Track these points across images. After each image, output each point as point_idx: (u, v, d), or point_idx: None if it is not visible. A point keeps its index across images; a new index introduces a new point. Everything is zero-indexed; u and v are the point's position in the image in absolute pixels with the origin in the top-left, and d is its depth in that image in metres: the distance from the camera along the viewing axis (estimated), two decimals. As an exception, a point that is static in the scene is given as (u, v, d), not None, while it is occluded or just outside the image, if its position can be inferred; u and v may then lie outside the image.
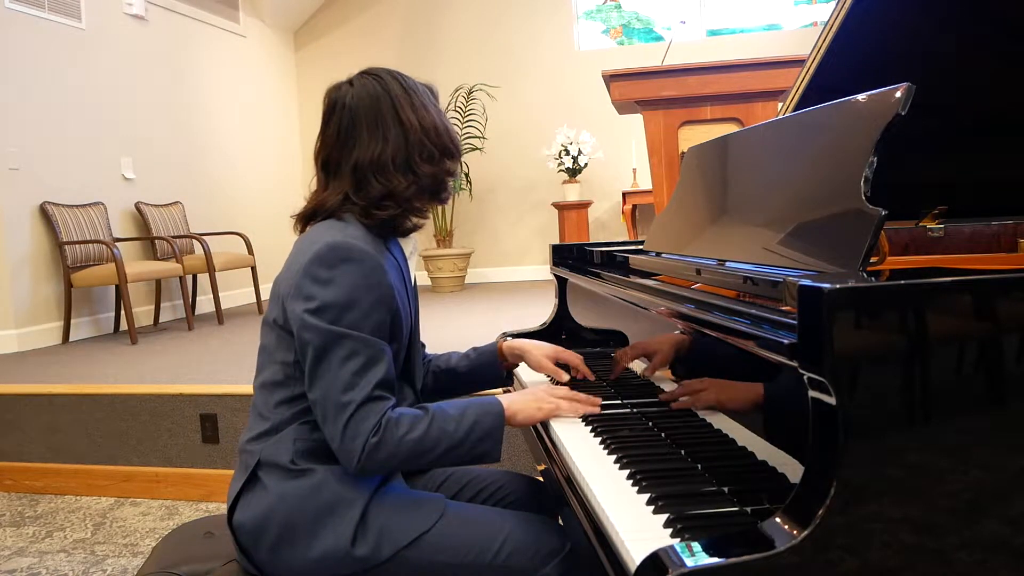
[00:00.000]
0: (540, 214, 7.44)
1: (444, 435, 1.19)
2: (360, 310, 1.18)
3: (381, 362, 1.19)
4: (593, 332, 1.82)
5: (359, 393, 1.15)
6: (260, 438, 1.26)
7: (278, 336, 1.27)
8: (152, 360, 3.94)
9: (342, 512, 1.19)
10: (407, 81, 1.33)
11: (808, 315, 0.75)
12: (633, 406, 1.36)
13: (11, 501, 3.02)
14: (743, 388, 1.00)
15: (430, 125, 1.29)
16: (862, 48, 1.46)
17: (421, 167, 1.28)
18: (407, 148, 1.27)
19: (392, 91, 1.30)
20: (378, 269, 1.21)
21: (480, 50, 7.48)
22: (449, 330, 4.52)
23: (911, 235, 1.56)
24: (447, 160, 1.32)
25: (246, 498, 1.23)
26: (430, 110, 1.31)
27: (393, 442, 1.16)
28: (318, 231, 1.26)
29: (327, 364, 1.16)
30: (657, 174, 2.84)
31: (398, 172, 1.27)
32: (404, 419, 1.18)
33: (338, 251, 1.19)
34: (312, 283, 1.19)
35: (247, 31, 7.12)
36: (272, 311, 1.29)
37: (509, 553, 1.19)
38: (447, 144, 1.31)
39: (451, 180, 1.34)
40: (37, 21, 4.86)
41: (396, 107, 1.28)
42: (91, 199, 5.14)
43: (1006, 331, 0.76)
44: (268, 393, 1.27)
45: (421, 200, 1.31)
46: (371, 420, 1.16)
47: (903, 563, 0.74)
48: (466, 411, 1.23)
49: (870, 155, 0.95)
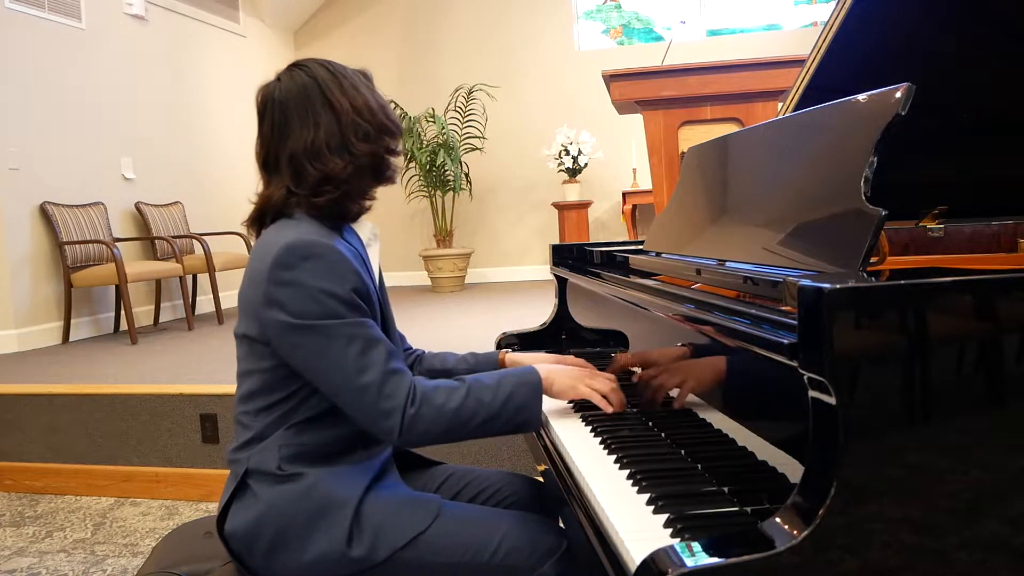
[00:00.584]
0: (540, 214, 7.44)
1: (481, 406, 1.21)
2: (337, 299, 1.17)
3: (378, 339, 1.19)
4: (593, 332, 1.82)
5: (375, 371, 1.16)
6: (245, 447, 1.25)
7: (249, 347, 1.26)
8: (152, 360, 3.94)
9: (334, 514, 1.19)
10: (334, 66, 1.31)
11: (808, 315, 0.75)
12: (633, 406, 1.36)
13: (11, 501, 3.02)
14: (714, 367, 1.00)
15: (362, 104, 1.27)
16: (862, 48, 1.46)
17: (357, 146, 1.26)
18: (340, 130, 1.26)
19: (319, 77, 1.28)
20: (338, 256, 1.20)
21: (480, 50, 7.48)
22: (449, 330, 4.52)
23: (911, 235, 1.56)
24: (385, 138, 1.30)
25: (236, 506, 1.23)
26: (361, 90, 1.29)
27: (432, 413, 1.18)
28: (271, 235, 1.24)
29: (329, 358, 1.17)
30: (657, 174, 2.84)
31: (334, 155, 1.25)
32: (441, 390, 1.20)
33: (296, 250, 1.18)
34: (281, 288, 1.18)
35: (247, 31, 7.12)
36: (241, 324, 1.27)
37: (506, 553, 1.19)
38: (383, 122, 1.29)
39: (393, 158, 1.32)
40: (37, 21, 4.86)
41: (324, 91, 1.27)
42: (91, 199, 5.14)
43: (1006, 331, 0.76)
44: (248, 403, 1.27)
45: (362, 181, 1.29)
46: (400, 392, 1.17)
47: (903, 563, 0.74)
48: (502, 381, 1.24)
49: (870, 155, 0.95)
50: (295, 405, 1.24)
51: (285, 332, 1.18)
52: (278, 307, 1.18)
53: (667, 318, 1.18)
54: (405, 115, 6.82)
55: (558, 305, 2.00)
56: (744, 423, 0.99)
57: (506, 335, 1.99)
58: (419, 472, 1.47)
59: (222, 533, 1.24)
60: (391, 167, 1.33)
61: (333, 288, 1.17)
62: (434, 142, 6.86)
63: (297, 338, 1.17)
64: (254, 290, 1.22)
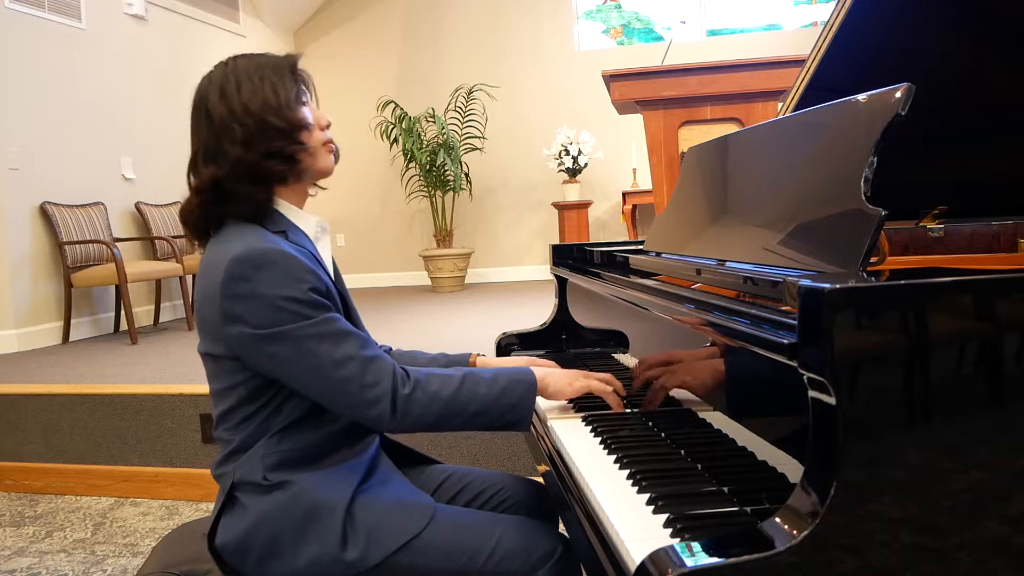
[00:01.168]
0: (540, 214, 7.45)
1: (475, 397, 1.20)
2: (297, 301, 1.15)
3: (349, 331, 1.18)
4: (593, 332, 1.82)
5: (352, 364, 1.15)
6: (229, 459, 1.24)
7: (217, 364, 1.24)
8: (152, 360, 3.94)
9: (324, 518, 1.18)
10: (231, 67, 1.26)
11: (808, 315, 0.75)
12: (634, 406, 1.36)
13: (11, 501, 3.02)
14: (700, 363, 1.00)
15: (239, 107, 1.21)
16: (862, 48, 1.46)
17: (230, 152, 1.21)
18: (212, 137, 1.23)
19: (204, 85, 1.26)
20: (290, 260, 1.17)
21: (480, 50, 7.48)
22: (449, 330, 4.52)
23: (911, 235, 1.56)
24: (272, 138, 1.22)
25: (226, 519, 1.22)
26: (242, 92, 1.22)
27: (426, 398, 1.17)
28: (216, 249, 1.22)
29: (304, 361, 1.15)
30: (657, 174, 2.84)
31: (208, 164, 1.23)
32: (435, 377, 1.21)
33: (247, 261, 1.15)
34: (238, 302, 1.15)
35: (247, 31, 7.13)
36: (203, 343, 1.25)
37: (501, 558, 1.18)
38: (268, 121, 1.21)
39: (274, 160, 1.23)
40: (37, 21, 4.86)
41: (205, 101, 1.24)
42: (91, 199, 5.14)
43: (1006, 331, 0.76)
44: (227, 420, 1.25)
45: (238, 186, 1.22)
46: (384, 378, 1.16)
47: (903, 563, 0.74)
48: (498, 377, 1.24)
49: (870, 155, 0.95)
50: (272, 413, 1.22)
51: (253, 344, 1.16)
52: (240, 322, 1.15)
53: (667, 318, 1.18)
54: (405, 115, 6.82)
55: (558, 305, 2.00)
56: (744, 423, 0.99)
57: (506, 335, 1.99)
58: (417, 470, 1.45)
59: (212, 547, 1.22)
60: (269, 169, 1.23)
61: (291, 292, 1.15)
62: (434, 142, 6.87)
63: (267, 348, 1.15)
64: (209, 308, 1.19)
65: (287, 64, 1.27)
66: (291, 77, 1.26)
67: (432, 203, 7.00)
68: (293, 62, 1.28)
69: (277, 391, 1.22)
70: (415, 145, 6.75)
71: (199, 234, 1.28)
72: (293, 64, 1.28)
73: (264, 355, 1.16)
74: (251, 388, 1.21)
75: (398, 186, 7.34)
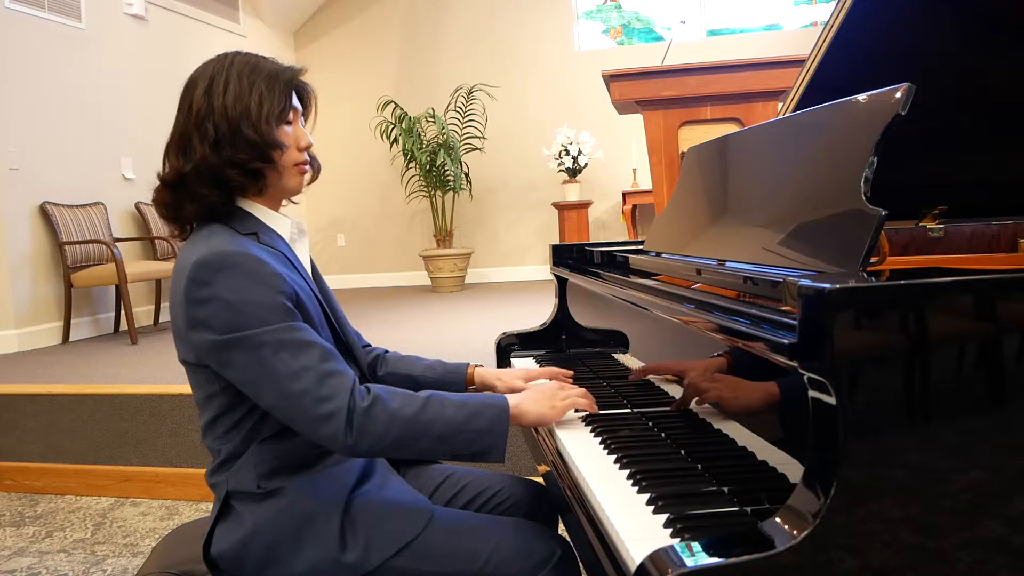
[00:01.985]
0: (540, 214, 7.45)
1: (440, 418, 1.13)
2: (259, 305, 1.10)
3: (311, 341, 1.12)
4: (593, 332, 1.82)
5: (308, 376, 1.09)
6: (222, 468, 1.23)
7: (194, 373, 1.22)
8: (152, 360, 3.94)
9: (321, 521, 1.17)
10: (226, 61, 1.22)
11: (809, 315, 0.75)
12: (633, 406, 1.36)
13: (11, 501, 3.02)
14: (749, 387, 1.00)
15: (218, 107, 1.18)
16: (862, 48, 1.46)
17: (196, 149, 1.18)
18: (187, 129, 1.21)
19: (198, 72, 1.23)
20: (254, 262, 1.13)
21: (480, 50, 7.49)
22: (449, 330, 4.52)
23: (911, 235, 1.56)
24: (240, 147, 1.18)
25: (221, 528, 1.20)
26: (227, 93, 1.19)
27: (385, 417, 1.10)
28: (184, 254, 1.19)
29: (260, 369, 1.10)
30: (657, 174, 2.84)
31: (180, 155, 1.21)
32: (398, 395, 1.14)
33: (209, 264, 1.12)
34: (199, 307, 1.12)
35: (247, 31, 7.13)
36: (179, 351, 1.22)
37: (499, 562, 1.17)
38: (241, 128, 1.18)
39: (235, 171, 1.19)
40: (37, 21, 4.86)
41: (190, 91, 1.22)
42: (91, 199, 5.14)
43: (1006, 331, 0.76)
44: (214, 429, 1.23)
45: (198, 186, 1.19)
46: (340, 394, 1.09)
47: (903, 563, 0.74)
48: (468, 401, 1.17)
49: (870, 155, 0.95)
50: (258, 421, 1.20)
51: (213, 351, 1.12)
52: (202, 327, 1.12)
53: (667, 318, 1.18)
54: (405, 115, 6.83)
55: (558, 305, 2.00)
56: (744, 423, 0.99)
57: (506, 335, 1.99)
58: (416, 471, 1.44)
59: (208, 558, 1.20)
60: (243, 179, 1.20)
61: (254, 296, 1.11)
62: (434, 142, 6.87)
63: (225, 355, 1.11)
64: (178, 312, 1.16)
65: (284, 77, 1.23)
66: (283, 91, 1.22)
67: (432, 203, 7.00)
68: (291, 76, 1.24)
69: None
70: (415, 145, 6.75)
71: (172, 222, 1.26)
72: (290, 78, 1.24)
73: (223, 362, 1.12)
74: (230, 397, 1.18)
75: (398, 186, 7.34)
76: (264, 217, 1.26)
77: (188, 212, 1.22)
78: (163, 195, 1.23)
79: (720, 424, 1.06)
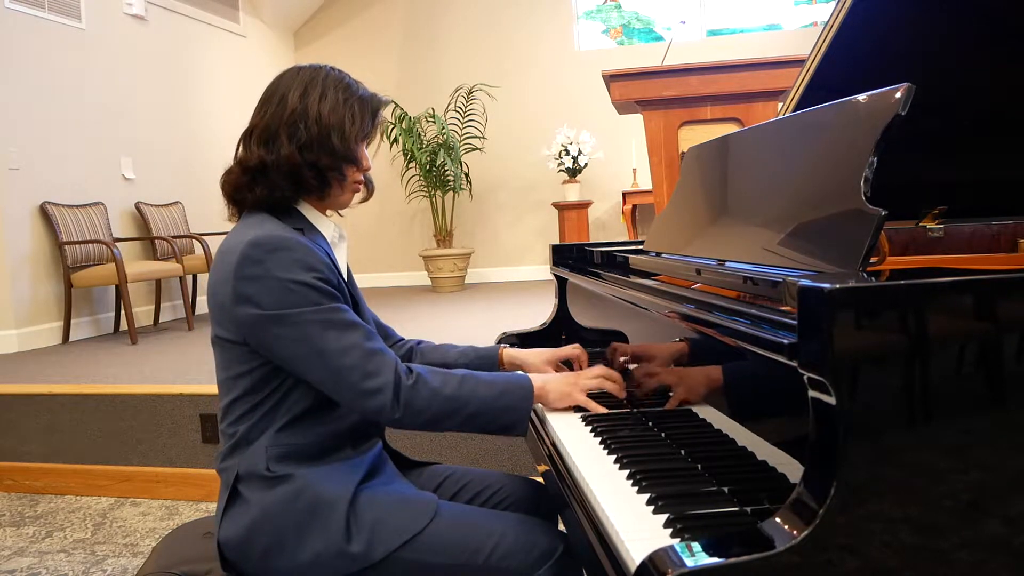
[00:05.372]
0: (540, 214, 7.45)
1: (474, 396, 1.23)
2: (308, 286, 1.18)
3: (356, 322, 1.20)
4: (593, 332, 1.82)
5: (356, 352, 1.17)
6: (233, 453, 1.25)
7: (225, 350, 1.26)
8: (152, 360, 3.94)
9: (327, 512, 1.18)
10: (328, 76, 1.30)
11: (808, 315, 0.75)
12: (633, 406, 1.36)
13: (11, 501, 3.02)
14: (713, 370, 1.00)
15: (314, 113, 1.26)
16: (862, 48, 1.46)
17: (284, 144, 1.25)
18: (276, 123, 1.27)
19: (292, 73, 1.30)
20: (305, 248, 1.20)
21: (480, 50, 7.49)
22: (449, 330, 4.52)
23: (911, 235, 1.56)
24: (321, 153, 1.26)
25: (229, 514, 1.22)
26: (324, 102, 1.27)
27: (428, 392, 1.20)
28: (233, 237, 1.25)
29: (308, 345, 1.17)
30: (657, 174, 2.84)
31: (262, 145, 1.27)
32: (437, 375, 1.23)
33: (263, 245, 1.18)
34: (250, 283, 1.18)
35: (247, 31, 7.13)
36: (214, 329, 1.27)
37: (502, 555, 1.18)
38: (329, 139, 1.26)
39: (312, 172, 1.27)
40: (37, 21, 4.86)
41: (289, 87, 1.29)
42: (91, 199, 5.14)
43: (1006, 331, 0.76)
44: (232, 411, 1.26)
45: (277, 180, 1.26)
46: (386, 370, 1.18)
47: (903, 563, 0.74)
48: (497, 379, 1.27)
49: (870, 155, 0.95)
50: (276, 405, 1.24)
51: (260, 325, 1.18)
52: (250, 302, 1.18)
53: (667, 318, 1.18)
54: (405, 115, 6.83)
55: (558, 305, 2.00)
56: (744, 423, 0.99)
57: (506, 335, 1.99)
58: (416, 472, 1.46)
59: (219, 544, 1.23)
60: (315, 182, 1.28)
61: (303, 277, 1.18)
62: (434, 142, 6.87)
63: (274, 329, 1.17)
64: (222, 290, 1.22)
65: (373, 105, 1.32)
66: (370, 117, 1.32)
67: (432, 203, 7.00)
68: (379, 105, 1.34)
69: (282, 382, 1.23)
70: (415, 145, 6.75)
71: (233, 203, 1.33)
72: (377, 108, 1.33)
73: (271, 336, 1.18)
74: (257, 377, 1.23)
75: (398, 186, 7.34)
76: (312, 217, 1.33)
77: (252, 197, 1.29)
78: (237, 176, 1.30)
79: (720, 424, 1.06)
